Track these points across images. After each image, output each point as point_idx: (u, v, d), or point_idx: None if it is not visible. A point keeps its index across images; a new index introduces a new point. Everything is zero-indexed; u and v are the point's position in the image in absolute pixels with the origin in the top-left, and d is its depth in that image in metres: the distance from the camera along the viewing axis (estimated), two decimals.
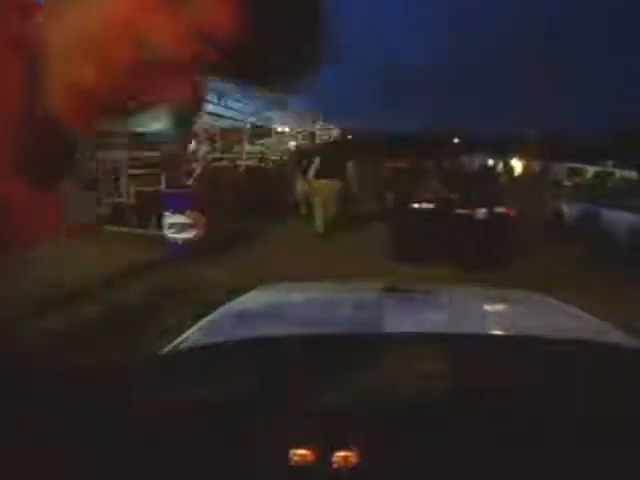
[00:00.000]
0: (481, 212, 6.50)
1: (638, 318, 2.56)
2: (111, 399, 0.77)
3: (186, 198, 6.53)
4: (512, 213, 6.79)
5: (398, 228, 6.75)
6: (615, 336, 1.25)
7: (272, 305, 1.59)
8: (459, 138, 47.34)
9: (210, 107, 8.60)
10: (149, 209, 7.20)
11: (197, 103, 0.40)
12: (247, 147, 11.80)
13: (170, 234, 6.51)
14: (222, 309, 1.49)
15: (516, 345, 1.06)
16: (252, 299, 1.62)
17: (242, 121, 11.32)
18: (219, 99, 9.72)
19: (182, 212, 6.40)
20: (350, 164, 8.23)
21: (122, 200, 7.90)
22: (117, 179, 7.95)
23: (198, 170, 7.77)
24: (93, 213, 7.48)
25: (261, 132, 12.78)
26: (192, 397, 0.80)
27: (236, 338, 1.11)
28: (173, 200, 6.55)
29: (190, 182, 7.46)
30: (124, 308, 4.25)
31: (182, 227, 6.40)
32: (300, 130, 13.96)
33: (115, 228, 7.52)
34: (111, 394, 0.79)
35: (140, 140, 8.14)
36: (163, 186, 7.26)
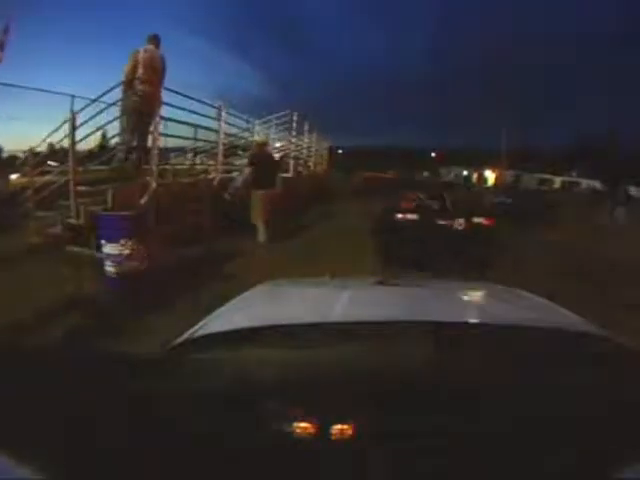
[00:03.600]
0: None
1: None
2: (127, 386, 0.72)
3: (122, 223, 4.54)
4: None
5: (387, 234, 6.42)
6: (570, 321, 1.19)
7: (276, 298, 1.51)
8: (435, 152, 45.82)
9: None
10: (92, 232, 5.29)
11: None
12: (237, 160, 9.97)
13: (107, 266, 4.57)
14: (230, 303, 1.40)
15: (486, 330, 1.04)
16: (257, 293, 1.53)
17: (235, 135, 9.60)
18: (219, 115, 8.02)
19: (116, 241, 4.45)
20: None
21: (72, 221, 5.97)
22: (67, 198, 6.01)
23: (153, 185, 5.77)
24: None
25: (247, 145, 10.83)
26: (205, 380, 0.78)
27: (245, 327, 1.07)
28: (107, 226, 4.58)
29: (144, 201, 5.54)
30: None
31: (117, 258, 4.46)
32: (284, 143, 11.94)
33: (76, 249, 5.67)
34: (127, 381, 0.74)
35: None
36: (109, 206, 5.33)
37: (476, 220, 6.27)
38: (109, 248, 4.52)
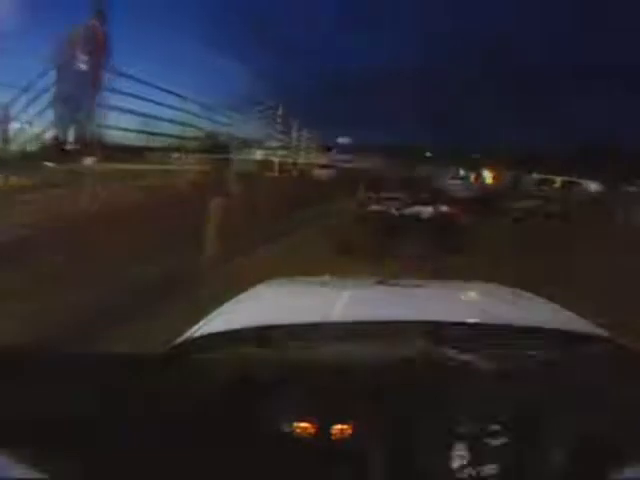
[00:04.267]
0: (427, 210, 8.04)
1: None
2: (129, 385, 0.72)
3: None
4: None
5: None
6: (571, 322, 1.17)
7: (276, 298, 1.49)
8: (434, 152, 45.16)
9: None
10: None
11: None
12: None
13: None
14: (231, 302, 1.37)
15: (486, 330, 1.03)
16: (257, 293, 1.51)
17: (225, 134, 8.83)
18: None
19: None
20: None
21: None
22: None
23: (97, 191, 4.79)
24: None
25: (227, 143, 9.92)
26: (208, 379, 0.79)
27: (245, 327, 1.05)
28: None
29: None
30: None
31: None
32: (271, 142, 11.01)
33: None
34: (128, 381, 0.73)
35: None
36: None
37: (444, 209, 8.41)
38: None
